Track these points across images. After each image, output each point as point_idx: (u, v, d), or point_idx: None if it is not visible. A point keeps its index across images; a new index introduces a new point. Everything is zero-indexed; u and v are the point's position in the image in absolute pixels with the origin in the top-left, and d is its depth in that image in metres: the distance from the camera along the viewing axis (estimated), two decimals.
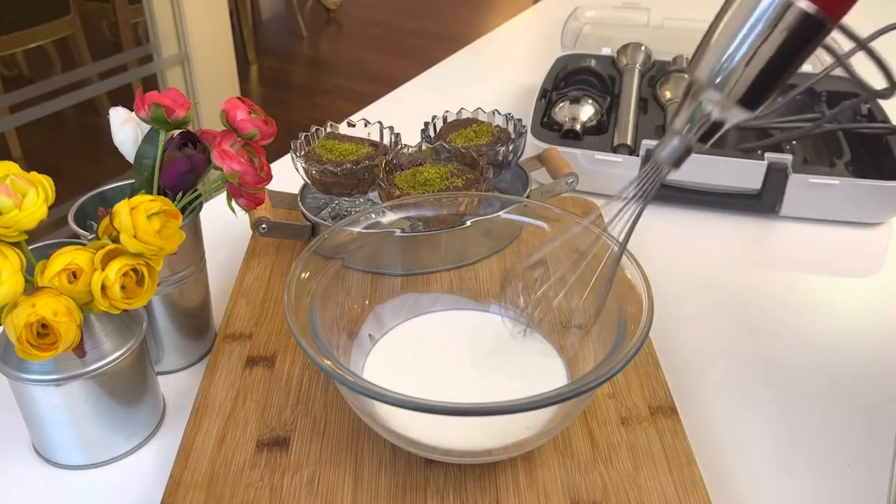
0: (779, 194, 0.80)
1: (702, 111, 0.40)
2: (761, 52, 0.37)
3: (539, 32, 1.44)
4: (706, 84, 0.39)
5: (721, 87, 0.39)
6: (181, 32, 2.30)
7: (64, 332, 0.43)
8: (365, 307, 0.57)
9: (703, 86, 0.39)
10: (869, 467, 0.53)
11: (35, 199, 0.43)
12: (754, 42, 0.37)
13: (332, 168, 0.65)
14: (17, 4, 2.29)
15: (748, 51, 0.37)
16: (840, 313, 0.70)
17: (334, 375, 0.43)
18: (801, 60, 0.38)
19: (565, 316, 0.56)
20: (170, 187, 0.53)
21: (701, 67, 0.39)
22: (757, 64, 0.37)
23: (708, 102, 0.40)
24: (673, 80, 0.97)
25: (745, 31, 0.37)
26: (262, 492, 0.47)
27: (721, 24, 0.38)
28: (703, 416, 0.57)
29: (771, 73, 0.38)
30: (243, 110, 0.53)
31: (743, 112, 0.40)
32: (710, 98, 0.39)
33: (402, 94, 1.15)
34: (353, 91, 3.24)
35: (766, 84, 0.38)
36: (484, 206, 0.59)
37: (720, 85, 0.38)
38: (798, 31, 0.36)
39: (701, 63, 0.39)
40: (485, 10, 4.25)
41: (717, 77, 0.38)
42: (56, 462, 0.52)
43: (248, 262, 0.69)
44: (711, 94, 0.39)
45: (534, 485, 0.48)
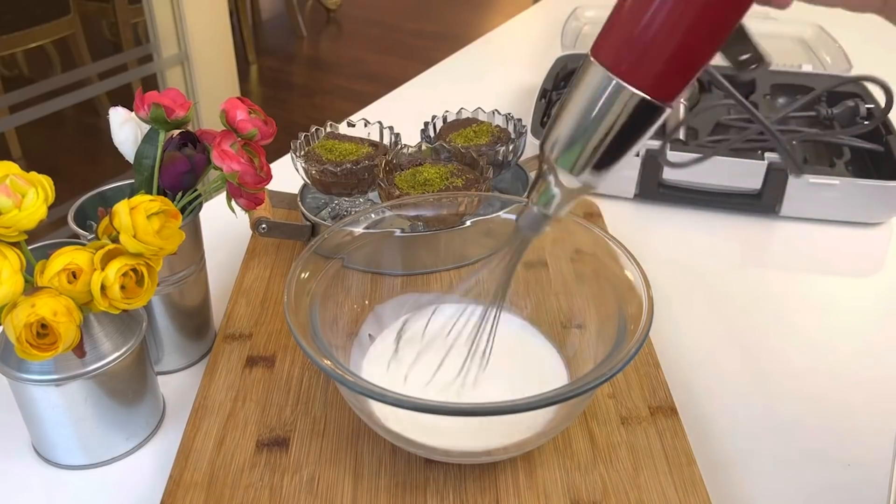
0: (779, 194, 0.80)
1: (549, 192, 0.42)
2: (605, 138, 0.39)
3: (539, 32, 1.44)
4: (554, 163, 0.41)
5: (568, 167, 0.40)
6: (181, 32, 2.30)
7: (63, 332, 0.43)
8: (365, 307, 0.56)
9: (552, 164, 0.41)
10: (869, 467, 0.53)
11: (35, 199, 0.43)
12: (596, 128, 0.38)
13: (332, 168, 0.65)
14: (17, 4, 2.28)
15: (591, 136, 0.39)
16: (840, 313, 0.70)
17: (334, 375, 0.43)
18: (642, 137, 0.39)
19: (565, 316, 0.56)
20: (169, 187, 0.53)
21: (550, 147, 0.41)
22: (600, 146, 0.39)
23: (555, 186, 0.42)
24: None
25: (586, 116, 0.38)
26: (261, 492, 0.47)
27: (566, 107, 0.39)
28: (703, 416, 0.57)
29: (613, 153, 0.39)
30: (243, 110, 0.53)
31: (589, 184, 0.41)
32: (559, 177, 0.41)
33: (402, 94, 1.15)
34: (353, 91, 3.23)
35: (608, 161, 0.40)
36: (484, 206, 0.59)
37: (566, 165, 0.40)
38: (637, 117, 0.38)
39: (549, 142, 0.41)
40: (485, 10, 4.25)
41: (565, 158, 0.40)
42: (56, 462, 0.52)
43: (247, 262, 0.69)
44: (559, 171, 0.41)
45: (534, 485, 0.48)
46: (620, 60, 0.37)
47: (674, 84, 0.37)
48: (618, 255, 0.51)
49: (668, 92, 0.37)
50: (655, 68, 0.37)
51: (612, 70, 0.37)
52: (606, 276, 0.52)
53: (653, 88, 0.37)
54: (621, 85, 0.37)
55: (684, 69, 0.37)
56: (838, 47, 1.11)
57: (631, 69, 0.37)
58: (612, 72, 0.37)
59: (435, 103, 0.83)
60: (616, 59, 0.37)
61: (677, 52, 0.36)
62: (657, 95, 0.37)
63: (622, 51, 0.37)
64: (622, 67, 0.37)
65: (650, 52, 0.36)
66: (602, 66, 0.37)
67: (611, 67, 0.37)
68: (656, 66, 0.36)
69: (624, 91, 0.37)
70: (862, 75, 0.44)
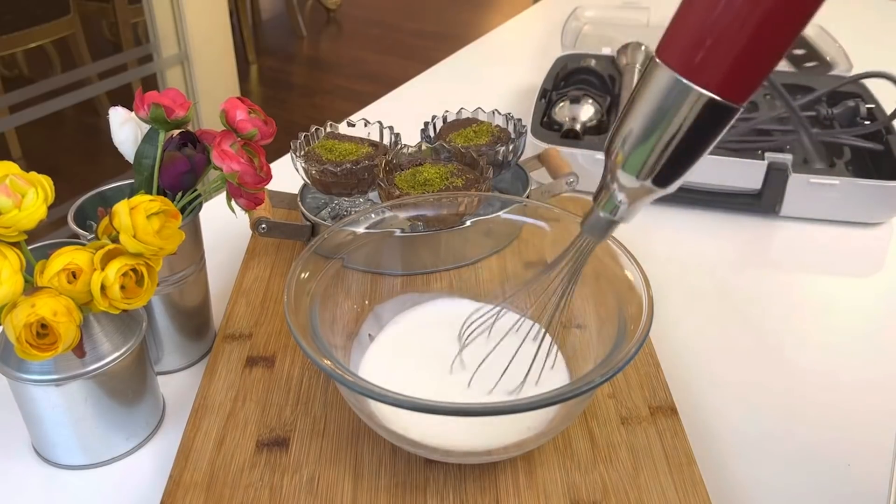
0: (779, 194, 0.80)
1: (614, 200, 0.41)
2: (672, 141, 0.37)
3: (539, 32, 1.44)
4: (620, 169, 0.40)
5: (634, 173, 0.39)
6: (181, 32, 2.30)
7: (63, 332, 0.43)
8: (365, 307, 0.56)
9: (616, 170, 0.40)
10: (869, 467, 0.53)
11: (34, 199, 0.43)
12: (665, 133, 0.37)
13: (332, 168, 0.65)
14: (17, 4, 2.28)
15: (660, 141, 0.37)
16: (840, 313, 0.70)
17: (334, 375, 0.43)
18: (713, 142, 0.38)
19: (565, 316, 0.56)
20: (169, 187, 0.53)
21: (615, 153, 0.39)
22: (668, 153, 0.38)
23: (619, 192, 0.41)
24: None
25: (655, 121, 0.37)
26: (261, 492, 0.47)
27: (632, 112, 0.38)
28: (703, 416, 0.57)
29: (683, 159, 0.38)
30: (243, 110, 0.53)
31: (658, 191, 0.40)
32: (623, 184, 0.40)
33: (401, 94, 1.15)
34: (353, 91, 3.24)
35: (678, 168, 0.39)
36: (484, 206, 0.59)
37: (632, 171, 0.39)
38: (706, 119, 0.36)
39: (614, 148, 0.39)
40: (485, 10, 4.25)
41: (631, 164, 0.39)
42: (56, 462, 0.52)
43: (247, 262, 0.69)
44: (625, 179, 0.40)
45: (534, 485, 0.48)
46: (689, 61, 0.35)
47: (746, 84, 0.36)
48: (618, 255, 0.51)
49: (740, 92, 0.36)
50: (725, 68, 0.35)
51: (680, 72, 0.36)
52: (606, 276, 0.51)
53: (724, 89, 0.35)
54: (690, 86, 0.35)
55: (756, 68, 0.35)
56: (838, 47, 1.11)
57: (700, 70, 0.35)
58: (679, 73, 0.36)
59: (435, 103, 0.83)
60: (684, 60, 0.36)
61: (748, 51, 0.34)
62: (728, 96, 0.36)
63: (690, 51, 0.35)
64: (691, 69, 0.35)
65: (720, 52, 0.35)
66: (669, 67, 0.36)
67: (678, 69, 0.36)
68: (726, 66, 0.35)
69: (693, 93, 0.35)
70: (868, 72, 0.44)
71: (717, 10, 0.34)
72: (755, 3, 0.33)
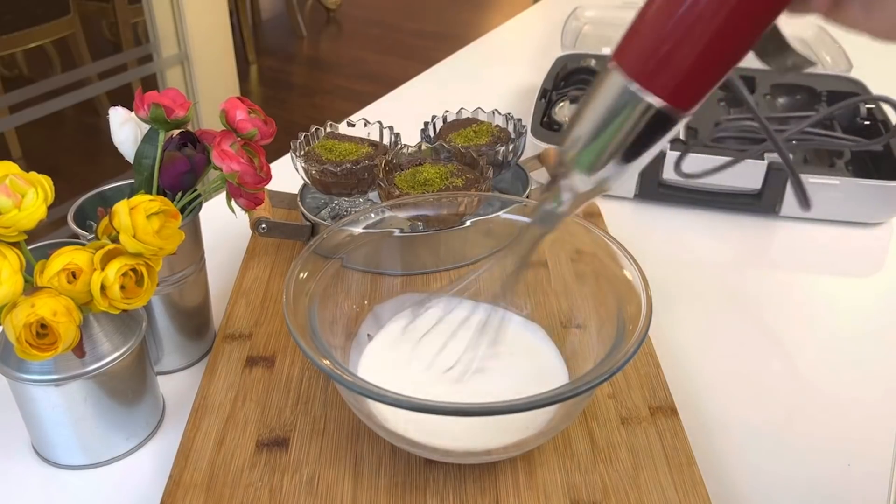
0: (779, 194, 0.80)
1: (562, 192, 0.42)
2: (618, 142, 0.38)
3: (539, 32, 1.44)
4: (572, 163, 0.40)
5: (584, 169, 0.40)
6: (181, 32, 2.30)
7: (63, 332, 0.43)
8: (364, 307, 0.56)
9: (568, 165, 0.41)
10: (869, 467, 0.53)
11: (34, 199, 0.43)
12: (612, 133, 0.38)
13: (332, 168, 0.65)
14: (17, 4, 2.28)
15: (608, 141, 0.38)
16: (840, 313, 0.70)
17: (333, 375, 0.43)
18: (658, 144, 0.38)
19: (565, 316, 0.56)
20: (169, 187, 0.53)
21: (567, 148, 0.40)
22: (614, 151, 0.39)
23: (566, 192, 0.42)
24: None
25: (604, 122, 0.38)
26: (261, 492, 0.47)
27: (584, 111, 0.39)
28: (703, 416, 0.57)
29: (629, 158, 0.39)
30: (243, 110, 0.53)
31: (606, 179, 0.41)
32: (573, 180, 0.41)
33: (401, 94, 1.15)
34: (353, 91, 3.24)
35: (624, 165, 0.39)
36: (484, 206, 0.59)
37: (584, 167, 0.40)
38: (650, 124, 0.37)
39: (567, 144, 0.40)
40: (485, 10, 4.25)
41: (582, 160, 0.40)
42: (55, 462, 0.52)
43: (247, 262, 0.69)
44: (575, 173, 0.41)
45: (534, 485, 0.48)
46: (639, 67, 0.36)
47: (693, 94, 0.36)
48: (617, 255, 0.51)
49: (686, 101, 0.36)
50: (675, 78, 0.36)
51: (631, 76, 0.36)
52: (606, 276, 0.52)
53: (672, 97, 0.36)
54: (638, 92, 0.36)
55: (705, 79, 0.36)
56: (838, 47, 1.11)
57: (650, 77, 0.36)
58: (630, 78, 0.36)
59: (435, 103, 0.83)
60: (635, 65, 0.36)
61: (698, 63, 0.35)
62: (676, 105, 0.36)
63: (641, 57, 0.36)
64: (641, 74, 0.36)
65: (670, 61, 0.35)
66: (621, 70, 0.37)
67: (629, 73, 0.36)
68: (676, 76, 0.36)
69: (641, 99, 0.36)
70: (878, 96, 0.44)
71: (668, 24, 0.35)
72: (712, 13, 0.34)
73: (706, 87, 0.36)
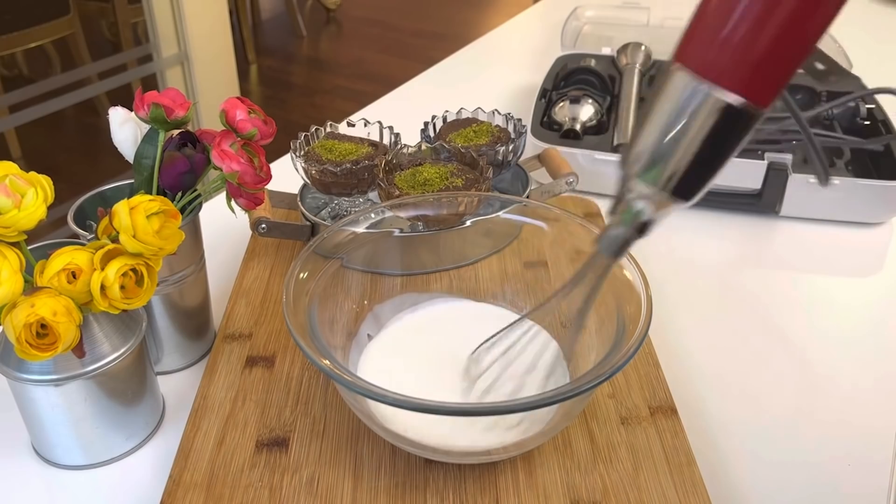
0: (779, 194, 0.80)
1: (631, 211, 0.38)
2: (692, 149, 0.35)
3: (539, 32, 1.44)
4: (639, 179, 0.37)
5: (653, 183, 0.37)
6: (181, 32, 2.30)
7: (63, 332, 0.43)
8: (364, 307, 0.56)
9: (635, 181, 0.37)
10: (869, 467, 0.53)
11: (34, 199, 0.43)
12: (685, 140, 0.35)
13: (332, 168, 0.65)
14: (16, 4, 2.28)
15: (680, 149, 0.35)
16: (840, 313, 0.70)
17: (332, 375, 0.43)
18: (736, 149, 0.36)
19: (565, 316, 0.56)
20: (169, 187, 0.53)
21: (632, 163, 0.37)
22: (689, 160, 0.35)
23: (639, 200, 0.38)
24: None
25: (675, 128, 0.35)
26: (261, 492, 0.47)
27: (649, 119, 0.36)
28: (703, 416, 0.57)
29: (705, 167, 0.36)
30: (243, 110, 0.53)
31: (678, 203, 0.38)
32: (642, 194, 0.38)
33: (401, 94, 1.15)
34: (353, 91, 3.23)
35: (700, 178, 0.36)
36: (484, 206, 0.59)
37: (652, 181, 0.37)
38: (727, 125, 0.34)
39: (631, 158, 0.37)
40: (485, 10, 4.25)
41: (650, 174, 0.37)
42: (55, 462, 0.52)
43: (247, 262, 0.69)
44: (643, 189, 0.37)
45: (534, 485, 0.48)
46: (710, 63, 0.33)
47: (770, 86, 0.34)
48: None
49: (764, 95, 0.34)
50: (749, 69, 0.33)
51: (701, 74, 0.34)
52: None
53: (748, 92, 0.33)
54: (712, 90, 0.33)
55: (781, 69, 0.33)
56: (838, 47, 1.11)
57: (722, 72, 0.33)
58: (700, 76, 0.34)
59: (435, 103, 0.83)
60: (704, 61, 0.34)
61: (773, 50, 0.32)
62: (752, 99, 0.33)
63: (711, 52, 0.33)
64: (712, 70, 0.33)
65: (743, 52, 0.33)
66: (688, 70, 0.34)
67: (699, 71, 0.34)
68: (750, 67, 0.33)
69: (715, 96, 0.33)
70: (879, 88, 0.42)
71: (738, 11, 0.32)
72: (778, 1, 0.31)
73: (781, 79, 0.33)
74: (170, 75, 2.35)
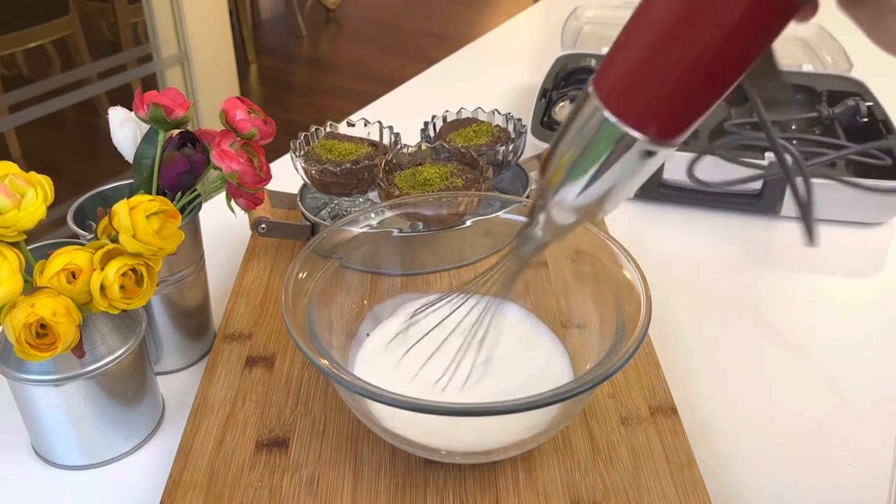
0: (779, 194, 0.80)
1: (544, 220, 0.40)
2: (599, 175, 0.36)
3: (539, 32, 1.44)
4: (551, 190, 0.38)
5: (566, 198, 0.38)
6: (181, 32, 2.30)
7: (63, 332, 0.43)
8: (364, 307, 0.56)
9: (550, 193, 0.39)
10: (869, 467, 0.53)
11: (34, 199, 0.43)
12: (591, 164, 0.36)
13: (332, 168, 0.65)
14: (16, 4, 2.28)
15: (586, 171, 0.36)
16: (840, 313, 0.70)
17: (331, 375, 0.43)
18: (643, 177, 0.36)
19: (565, 316, 0.56)
20: (169, 187, 0.53)
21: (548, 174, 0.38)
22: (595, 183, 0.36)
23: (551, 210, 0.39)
24: None
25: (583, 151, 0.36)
26: (261, 492, 0.47)
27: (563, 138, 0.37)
28: (703, 416, 0.57)
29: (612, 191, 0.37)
30: (242, 110, 0.53)
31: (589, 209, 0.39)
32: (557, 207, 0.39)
33: (401, 94, 1.15)
34: (353, 91, 3.23)
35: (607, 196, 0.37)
36: (484, 206, 0.59)
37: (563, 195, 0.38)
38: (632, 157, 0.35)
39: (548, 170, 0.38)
40: (485, 10, 4.25)
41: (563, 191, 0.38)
42: (55, 462, 0.52)
43: (247, 262, 0.69)
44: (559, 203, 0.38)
45: (534, 485, 0.48)
46: (619, 99, 0.34)
47: (677, 127, 0.34)
48: (617, 255, 0.51)
49: (669, 134, 0.34)
50: (656, 111, 0.33)
51: (611, 108, 0.34)
52: (606, 276, 0.51)
53: (654, 131, 0.33)
54: (617, 125, 0.34)
55: (690, 113, 0.33)
56: (839, 47, 1.11)
57: (629, 109, 0.33)
58: (609, 109, 0.34)
59: (435, 103, 0.83)
60: (614, 97, 0.34)
61: (680, 95, 0.32)
62: (658, 138, 0.34)
63: (620, 88, 0.33)
64: (620, 106, 0.33)
65: (649, 93, 0.33)
66: (600, 101, 0.34)
67: (608, 104, 0.34)
68: (657, 109, 0.33)
69: (620, 132, 0.34)
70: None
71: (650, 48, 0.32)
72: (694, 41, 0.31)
73: (691, 121, 0.33)
74: (170, 75, 2.35)
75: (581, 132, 0.36)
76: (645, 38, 0.33)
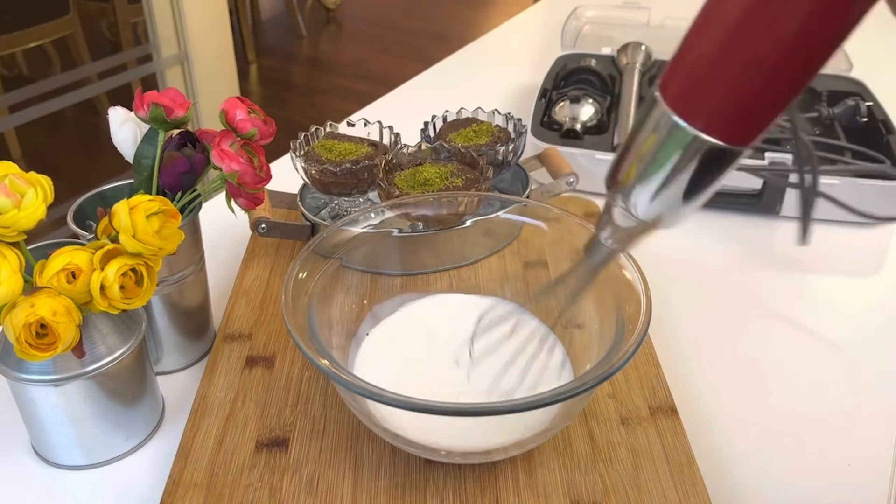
0: (779, 194, 0.80)
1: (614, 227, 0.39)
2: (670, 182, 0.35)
3: (539, 32, 1.44)
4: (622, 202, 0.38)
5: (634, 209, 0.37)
6: (181, 32, 2.30)
7: (63, 332, 0.43)
8: (364, 307, 0.56)
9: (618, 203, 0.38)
10: (869, 467, 0.53)
11: (34, 199, 0.43)
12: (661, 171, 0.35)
13: (332, 168, 0.65)
14: (16, 4, 2.28)
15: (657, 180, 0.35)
16: (840, 313, 0.70)
17: (331, 375, 0.43)
18: (718, 182, 0.35)
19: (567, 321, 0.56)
20: (169, 187, 0.53)
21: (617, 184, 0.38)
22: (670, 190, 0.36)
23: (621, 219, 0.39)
24: None
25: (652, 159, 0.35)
26: (261, 492, 0.47)
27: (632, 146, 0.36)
28: (703, 416, 0.57)
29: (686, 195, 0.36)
30: (242, 110, 0.53)
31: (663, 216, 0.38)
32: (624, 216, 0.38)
33: (401, 94, 1.15)
34: (353, 91, 3.23)
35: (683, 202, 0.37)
36: (484, 206, 0.59)
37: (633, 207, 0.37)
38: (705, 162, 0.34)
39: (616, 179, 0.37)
40: (485, 10, 4.25)
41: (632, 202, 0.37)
42: (55, 462, 0.52)
43: (247, 262, 0.69)
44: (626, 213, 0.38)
45: (534, 485, 0.48)
46: (689, 104, 0.33)
47: (750, 129, 0.33)
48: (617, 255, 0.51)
49: (744, 137, 0.33)
50: (729, 114, 0.32)
51: (682, 115, 0.33)
52: (605, 275, 0.51)
53: (727, 135, 0.32)
54: (691, 131, 0.33)
55: (763, 114, 0.32)
56: None
57: (700, 114, 0.32)
58: (680, 116, 0.33)
59: (435, 103, 0.83)
60: (684, 102, 0.33)
61: (755, 97, 0.31)
62: (732, 141, 0.33)
63: (690, 93, 0.33)
64: (691, 112, 0.33)
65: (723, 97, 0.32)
66: (670, 107, 0.33)
67: (678, 110, 0.33)
68: (730, 112, 0.32)
69: (694, 137, 0.33)
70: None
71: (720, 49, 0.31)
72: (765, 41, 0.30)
73: (765, 122, 0.32)
74: (170, 75, 2.35)
75: (650, 138, 0.35)
76: (713, 39, 0.32)
